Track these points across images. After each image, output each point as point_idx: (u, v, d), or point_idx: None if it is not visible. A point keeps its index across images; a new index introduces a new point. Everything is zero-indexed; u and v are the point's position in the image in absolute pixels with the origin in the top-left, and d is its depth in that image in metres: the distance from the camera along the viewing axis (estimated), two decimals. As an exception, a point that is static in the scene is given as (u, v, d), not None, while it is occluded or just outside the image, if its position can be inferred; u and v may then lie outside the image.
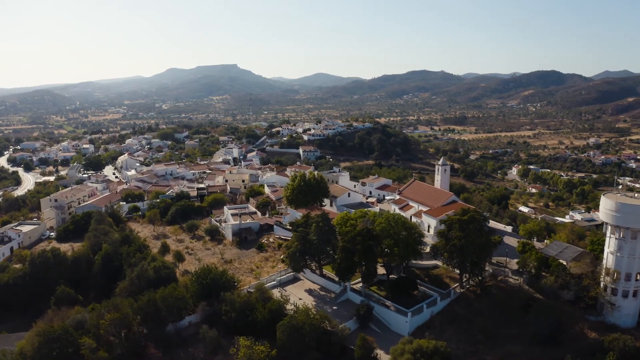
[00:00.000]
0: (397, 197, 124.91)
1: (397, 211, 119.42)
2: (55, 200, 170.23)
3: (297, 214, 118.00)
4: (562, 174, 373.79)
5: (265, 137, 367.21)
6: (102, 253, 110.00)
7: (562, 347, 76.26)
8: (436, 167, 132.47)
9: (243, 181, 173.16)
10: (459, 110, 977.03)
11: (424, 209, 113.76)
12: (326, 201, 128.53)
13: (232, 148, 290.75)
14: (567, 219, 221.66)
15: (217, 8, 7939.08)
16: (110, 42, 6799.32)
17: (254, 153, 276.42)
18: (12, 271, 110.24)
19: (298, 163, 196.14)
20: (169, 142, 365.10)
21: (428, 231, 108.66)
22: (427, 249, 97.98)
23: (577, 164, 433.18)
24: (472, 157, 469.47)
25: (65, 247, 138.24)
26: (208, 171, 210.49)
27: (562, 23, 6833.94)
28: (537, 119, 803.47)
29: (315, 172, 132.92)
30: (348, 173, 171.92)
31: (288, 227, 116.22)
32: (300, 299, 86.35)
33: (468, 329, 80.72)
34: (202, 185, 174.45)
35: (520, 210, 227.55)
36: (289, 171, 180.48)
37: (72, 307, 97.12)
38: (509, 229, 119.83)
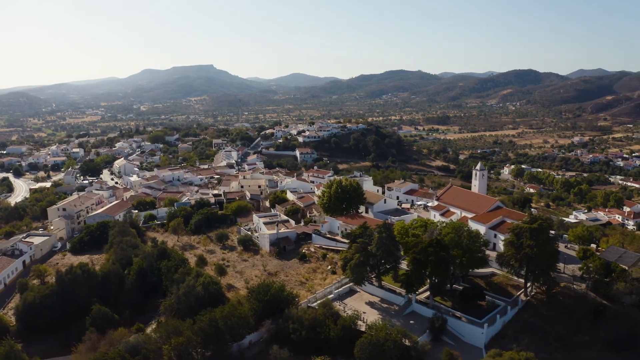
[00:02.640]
0: (436, 202, 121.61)
1: (438, 217, 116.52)
2: (64, 210, 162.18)
3: (337, 222, 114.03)
4: (555, 174, 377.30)
5: (259, 139, 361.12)
6: (136, 268, 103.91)
7: (636, 352, 75.84)
8: (473, 172, 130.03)
9: (259, 187, 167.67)
10: (439, 110, 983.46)
11: (469, 215, 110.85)
12: (361, 208, 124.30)
13: (230, 151, 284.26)
14: (572, 219, 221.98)
15: (191, 8, 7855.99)
16: (83, 43, 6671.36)
17: (255, 156, 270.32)
18: (38, 290, 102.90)
19: (315, 167, 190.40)
20: (161, 145, 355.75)
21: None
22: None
23: (566, 163, 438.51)
24: (461, 157, 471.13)
25: (83, 260, 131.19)
26: (216, 176, 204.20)
27: (537, 22, 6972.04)
28: (518, 117, 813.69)
29: (351, 179, 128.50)
30: (372, 178, 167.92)
31: (328, 235, 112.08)
32: (364, 312, 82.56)
33: (542, 337, 79.56)
34: (216, 192, 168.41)
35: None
36: (306, 175, 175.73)
37: (111, 327, 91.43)
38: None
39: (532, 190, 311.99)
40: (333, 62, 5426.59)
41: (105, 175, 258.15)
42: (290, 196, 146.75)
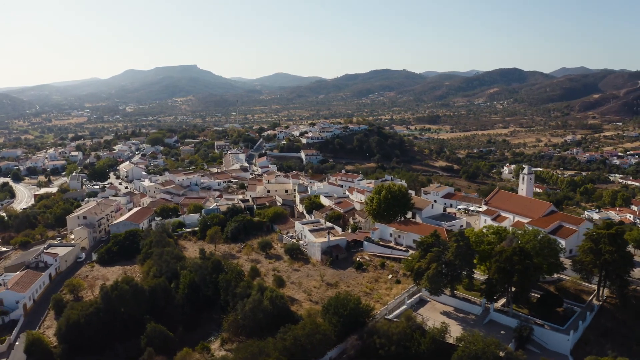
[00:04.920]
0: (485, 207, 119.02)
1: (489, 222, 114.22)
2: (84, 218, 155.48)
3: (389, 229, 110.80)
4: (555, 173, 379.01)
5: (261, 140, 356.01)
6: (186, 281, 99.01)
7: None
8: (520, 175, 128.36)
9: (286, 191, 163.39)
10: (428, 109, 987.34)
11: (524, 220, 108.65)
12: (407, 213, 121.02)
13: (237, 154, 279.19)
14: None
15: (172, 7, 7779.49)
16: (63, 43, 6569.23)
17: (265, 159, 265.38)
18: (81, 307, 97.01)
19: (343, 171, 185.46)
20: (162, 148, 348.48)
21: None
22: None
23: (564, 162, 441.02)
24: (458, 156, 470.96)
25: (114, 272, 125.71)
26: (234, 180, 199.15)
27: (519, 20, 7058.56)
28: (508, 116, 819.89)
29: (399, 184, 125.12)
30: (404, 181, 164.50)
31: (381, 243, 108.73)
32: (443, 323, 79.51)
33: (623, 341, 78.91)
34: (241, 197, 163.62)
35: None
36: (333, 179, 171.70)
37: (167, 346, 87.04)
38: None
39: (538, 190, 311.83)
40: (316, 61, 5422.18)
41: (112, 179, 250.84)
42: (325, 201, 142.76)
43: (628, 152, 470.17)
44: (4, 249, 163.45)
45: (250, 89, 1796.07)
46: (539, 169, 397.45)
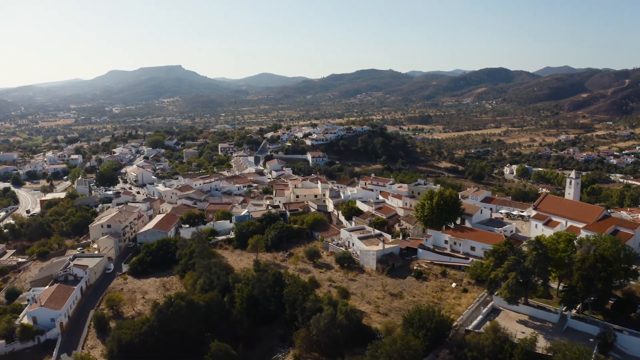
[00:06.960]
0: (534, 212, 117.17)
1: (541, 227, 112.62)
2: (109, 226, 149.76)
3: (443, 236, 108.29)
4: (562, 173, 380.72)
5: (265, 142, 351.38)
6: (243, 295, 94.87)
7: None
8: (567, 180, 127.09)
9: (315, 196, 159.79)
10: (418, 109, 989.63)
11: (578, 225, 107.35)
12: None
13: (246, 156, 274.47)
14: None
15: (153, 8, 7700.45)
16: (45, 44, 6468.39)
17: (276, 162, 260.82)
18: (133, 326, 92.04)
19: (373, 175, 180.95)
20: (163, 150, 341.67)
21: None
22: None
23: (562, 162, 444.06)
24: (456, 157, 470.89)
25: (151, 284, 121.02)
26: (253, 184, 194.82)
27: (504, 19, 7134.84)
28: (498, 116, 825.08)
29: (449, 189, 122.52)
30: (439, 186, 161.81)
31: (437, 250, 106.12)
32: (522, 332, 77.68)
33: None
34: (269, 202, 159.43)
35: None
36: (363, 183, 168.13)
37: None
38: None
39: (546, 190, 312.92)
40: (301, 61, 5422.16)
41: (120, 183, 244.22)
42: (362, 207, 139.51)
43: (624, 152, 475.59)
44: (20, 259, 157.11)
45: (236, 89, 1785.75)
46: (540, 169, 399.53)
